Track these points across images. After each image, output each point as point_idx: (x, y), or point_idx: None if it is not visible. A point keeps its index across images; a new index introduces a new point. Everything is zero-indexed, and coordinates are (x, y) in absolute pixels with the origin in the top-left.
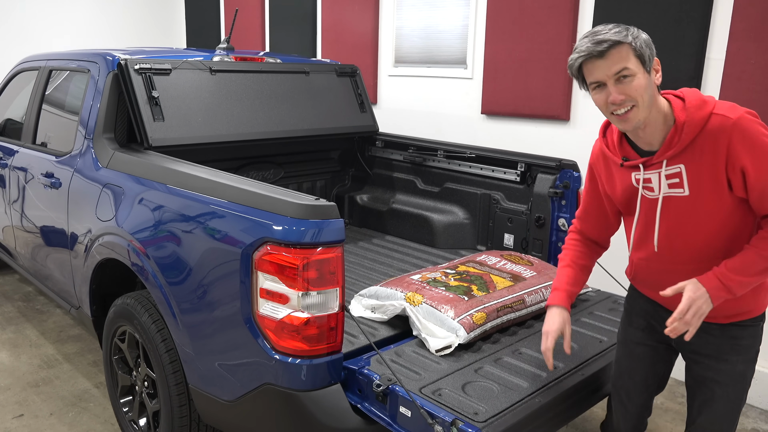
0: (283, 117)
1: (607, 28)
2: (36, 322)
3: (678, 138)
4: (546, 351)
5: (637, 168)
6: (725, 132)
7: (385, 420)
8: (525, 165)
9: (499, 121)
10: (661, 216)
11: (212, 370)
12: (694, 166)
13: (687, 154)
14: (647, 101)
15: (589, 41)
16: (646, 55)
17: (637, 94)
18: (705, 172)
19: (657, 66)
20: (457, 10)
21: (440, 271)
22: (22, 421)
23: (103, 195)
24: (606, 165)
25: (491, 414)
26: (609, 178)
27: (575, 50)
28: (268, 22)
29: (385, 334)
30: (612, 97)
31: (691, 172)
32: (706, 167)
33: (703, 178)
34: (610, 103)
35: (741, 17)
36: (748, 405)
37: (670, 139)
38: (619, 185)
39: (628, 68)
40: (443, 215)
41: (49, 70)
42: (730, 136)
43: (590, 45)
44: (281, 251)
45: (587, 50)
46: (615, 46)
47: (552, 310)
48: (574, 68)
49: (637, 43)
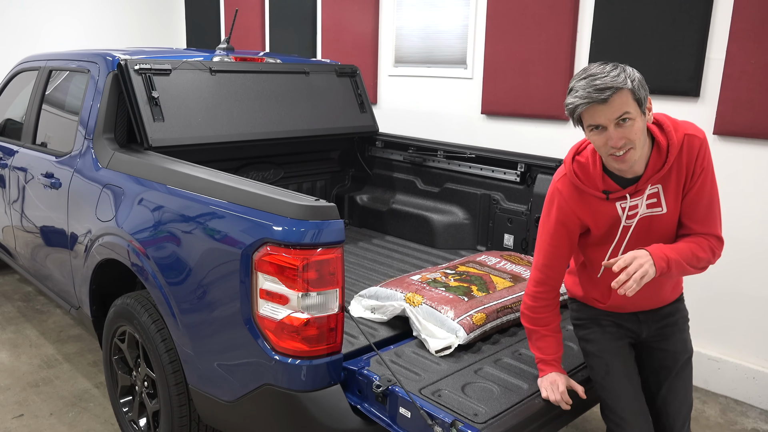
0: (283, 117)
1: (605, 71)
2: (36, 322)
3: (662, 161)
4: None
5: (623, 198)
6: (694, 150)
7: (384, 421)
8: (525, 165)
9: (499, 121)
10: (632, 235)
11: (212, 370)
12: (667, 184)
13: (664, 176)
14: (643, 141)
15: (588, 86)
16: (642, 98)
17: (636, 137)
18: (673, 187)
19: (650, 105)
20: (457, 10)
21: (440, 272)
22: (22, 421)
23: (103, 195)
24: (583, 200)
25: (491, 415)
26: (591, 212)
27: (573, 93)
28: (268, 22)
29: (384, 335)
30: (613, 141)
31: (666, 190)
32: (674, 183)
33: (672, 193)
34: (611, 146)
35: (741, 17)
36: (747, 405)
37: (654, 163)
38: (603, 217)
39: (629, 113)
40: (443, 215)
41: (49, 70)
42: (697, 153)
43: (592, 91)
44: (281, 252)
45: (589, 97)
46: (617, 92)
47: (550, 375)
48: (576, 113)
49: (634, 86)
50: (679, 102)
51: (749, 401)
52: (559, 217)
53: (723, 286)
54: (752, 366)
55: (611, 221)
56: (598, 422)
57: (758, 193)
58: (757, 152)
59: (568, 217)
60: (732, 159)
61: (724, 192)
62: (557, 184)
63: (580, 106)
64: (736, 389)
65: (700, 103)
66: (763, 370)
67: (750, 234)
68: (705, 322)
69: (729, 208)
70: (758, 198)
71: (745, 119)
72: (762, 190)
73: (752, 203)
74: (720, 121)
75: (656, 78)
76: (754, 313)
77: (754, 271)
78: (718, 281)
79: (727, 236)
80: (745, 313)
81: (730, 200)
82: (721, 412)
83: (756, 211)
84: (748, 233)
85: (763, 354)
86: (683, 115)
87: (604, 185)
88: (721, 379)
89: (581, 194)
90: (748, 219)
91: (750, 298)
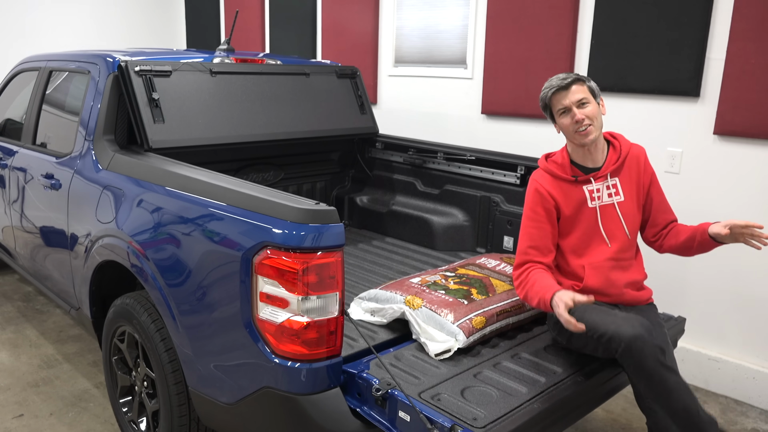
0: (284, 119)
1: (566, 74)
2: (36, 322)
3: (617, 156)
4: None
5: (588, 181)
6: (642, 156)
7: (384, 424)
8: (525, 168)
9: (499, 121)
10: (602, 218)
11: (211, 372)
12: (624, 179)
13: (619, 171)
14: (599, 124)
15: (554, 79)
16: (596, 91)
17: (593, 115)
18: (633, 183)
19: (602, 103)
20: (457, 10)
21: (440, 274)
22: (22, 421)
23: (104, 197)
24: (558, 186)
25: (490, 419)
26: (565, 197)
27: (543, 89)
28: (268, 23)
29: (384, 338)
30: (576, 117)
31: (623, 183)
32: (633, 180)
33: (632, 187)
34: (575, 122)
35: (741, 17)
36: (747, 405)
37: (611, 158)
38: (573, 201)
39: (586, 98)
40: (443, 217)
41: (50, 70)
42: (645, 160)
43: (556, 82)
44: (281, 255)
45: (557, 84)
46: (576, 82)
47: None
48: (547, 98)
49: (588, 82)
50: (679, 102)
51: (749, 401)
52: (536, 199)
53: (723, 286)
54: (752, 366)
55: (578, 203)
56: (599, 422)
57: (758, 193)
58: (757, 152)
59: (544, 198)
60: (732, 159)
61: (723, 191)
62: (534, 176)
63: (550, 91)
64: (736, 389)
65: (700, 103)
66: (763, 370)
67: None
68: (705, 322)
69: (729, 208)
70: (758, 198)
71: (745, 119)
72: (762, 190)
73: (752, 203)
74: (720, 121)
75: (656, 78)
76: (754, 313)
77: (753, 271)
78: (718, 281)
79: None
80: (745, 313)
81: (730, 200)
82: (721, 412)
83: (756, 211)
84: None
85: (763, 354)
86: (683, 115)
87: (572, 172)
88: (721, 379)
89: (554, 179)
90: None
91: (750, 298)
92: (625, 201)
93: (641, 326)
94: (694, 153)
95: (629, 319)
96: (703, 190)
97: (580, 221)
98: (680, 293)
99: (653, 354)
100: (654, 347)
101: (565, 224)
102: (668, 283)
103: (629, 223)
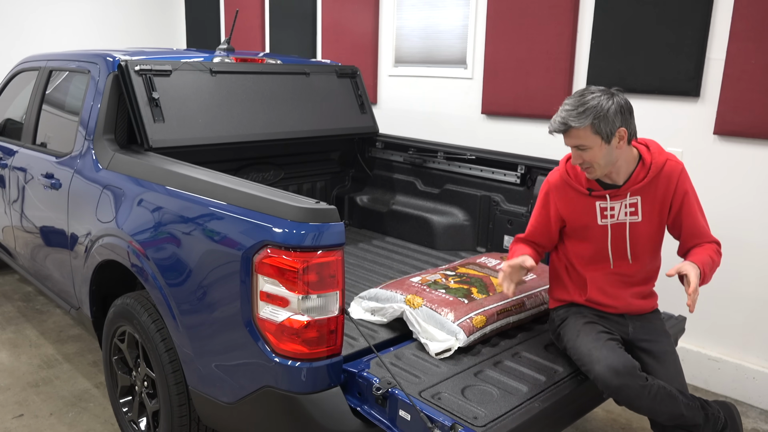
0: (284, 118)
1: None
2: (36, 322)
3: (644, 174)
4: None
5: (602, 198)
6: (675, 173)
7: (384, 423)
8: (525, 167)
9: (499, 121)
10: (613, 238)
11: (212, 371)
12: (648, 198)
13: (643, 190)
14: (603, 164)
15: (559, 114)
16: (605, 132)
17: (594, 160)
18: (657, 203)
19: (623, 134)
20: (457, 10)
21: (440, 273)
22: (22, 421)
23: (104, 196)
24: (565, 193)
25: (491, 418)
26: (567, 204)
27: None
28: (268, 23)
29: (384, 337)
30: (572, 160)
31: (645, 202)
32: (658, 199)
33: (654, 207)
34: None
35: (741, 17)
36: (747, 405)
37: (636, 175)
38: (579, 211)
39: (584, 144)
40: (443, 217)
41: (50, 70)
42: (678, 177)
43: (555, 121)
44: (281, 254)
45: (555, 127)
46: (571, 129)
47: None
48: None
49: (594, 123)
50: (679, 102)
51: (749, 401)
52: (543, 200)
53: (723, 286)
54: (752, 366)
55: (586, 217)
56: (599, 422)
57: (758, 193)
58: (757, 152)
59: (548, 203)
60: (732, 159)
61: (723, 192)
62: (550, 175)
63: (551, 130)
64: (736, 389)
65: (700, 103)
66: (763, 370)
67: (750, 234)
68: (705, 322)
69: (729, 208)
70: (758, 198)
71: (745, 119)
72: (762, 190)
73: (752, 203)
74: (720, 121)
75: (656, 78)
76: (754, 313)
77: (753, 271)
78: (718, 281)
79: (727, 236)
80: (745, 313)
81: (730, 200)
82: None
83: (756, 211)
84: (747, 233)
85: (763, 354)
86: (683, 115)
87: (588, 184)
88: (721, 379)
89: (565, 187)
90: (748, 219)
91: (749, 298)
92: (642, 222)
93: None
94: (694, 153)
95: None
96: (703, 190)
97: (589, 236)
98: (680, 293)
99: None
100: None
101: (573, 232)
102: (668, 282)
103: (639, 246)
